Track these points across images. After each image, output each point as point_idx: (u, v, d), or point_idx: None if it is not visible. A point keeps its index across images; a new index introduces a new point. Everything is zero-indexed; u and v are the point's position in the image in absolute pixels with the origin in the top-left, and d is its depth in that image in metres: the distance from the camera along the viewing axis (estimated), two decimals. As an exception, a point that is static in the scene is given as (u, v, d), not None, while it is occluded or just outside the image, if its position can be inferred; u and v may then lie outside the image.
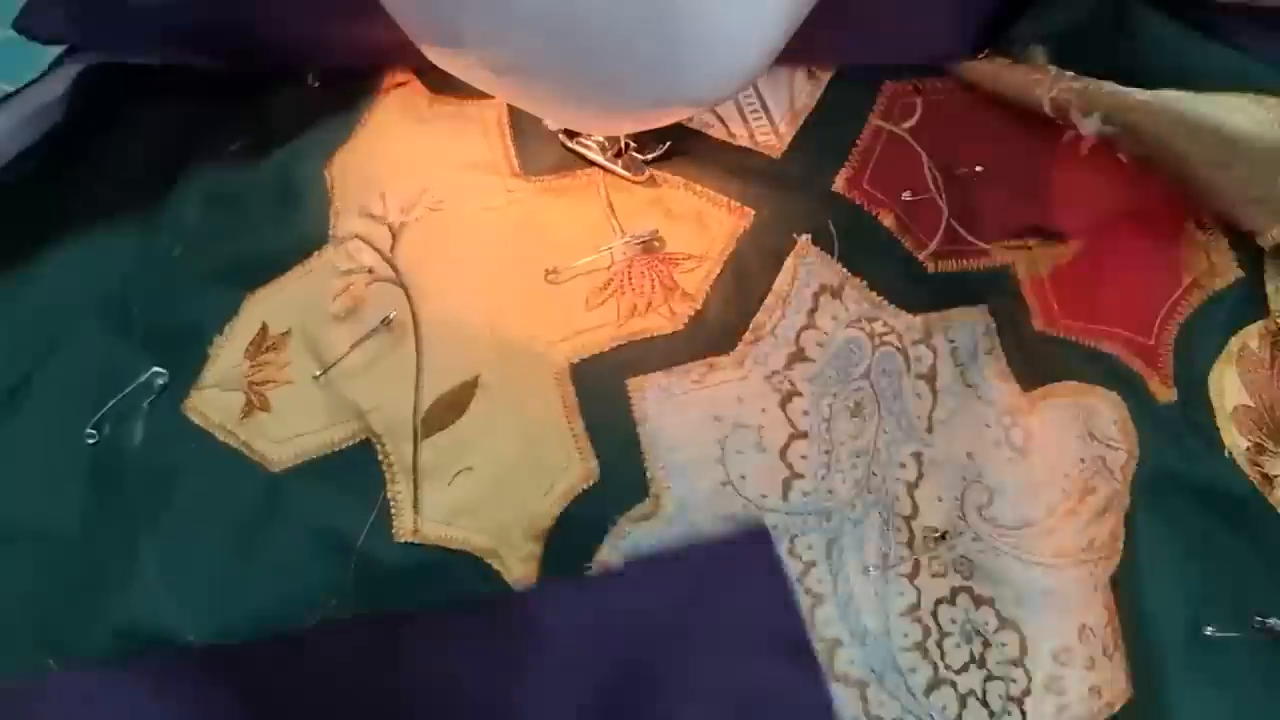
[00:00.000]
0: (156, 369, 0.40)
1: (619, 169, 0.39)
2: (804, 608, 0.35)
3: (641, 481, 0.36)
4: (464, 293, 0.39)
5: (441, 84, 0.42)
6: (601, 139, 0.39)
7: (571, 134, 0.40)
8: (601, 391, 0.36)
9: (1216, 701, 0.33)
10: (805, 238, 0.38)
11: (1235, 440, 0.36)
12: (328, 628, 0.35)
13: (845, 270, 0.38)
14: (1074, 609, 0.35)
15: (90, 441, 0.39)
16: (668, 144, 0.39)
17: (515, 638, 0.33)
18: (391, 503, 0.37)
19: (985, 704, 0.35)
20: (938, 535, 0.37)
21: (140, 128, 0.45)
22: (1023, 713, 0.35)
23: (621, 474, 0.36)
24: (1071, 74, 0.37)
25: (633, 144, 0.39)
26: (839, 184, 0.39)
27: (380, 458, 0.38)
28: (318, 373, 0.39)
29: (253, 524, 0.37)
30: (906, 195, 0.39)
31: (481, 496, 0.36)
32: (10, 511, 0.39)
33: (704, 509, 0.35)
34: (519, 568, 0.35)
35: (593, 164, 0.40)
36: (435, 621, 0.34)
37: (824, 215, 0.38)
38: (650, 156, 0.39)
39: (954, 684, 0.35)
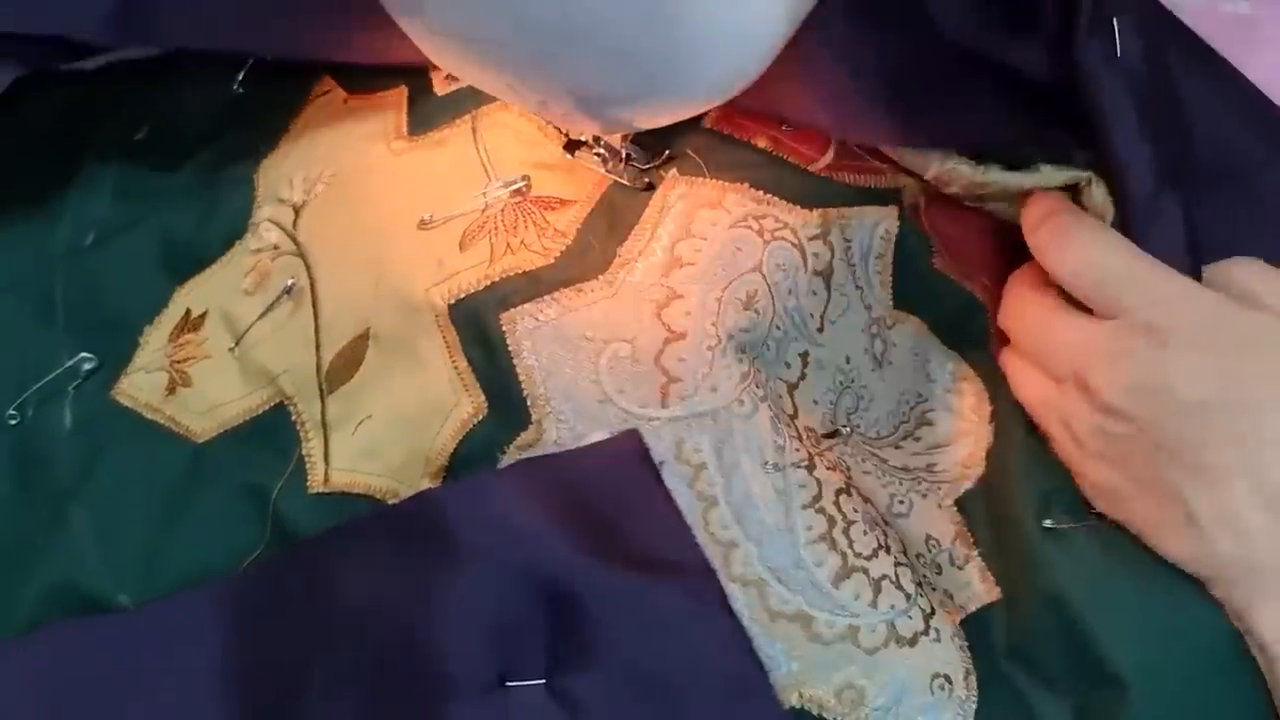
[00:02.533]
0: (85, 354, 0.42)
1: (622, 179, 0.40)
2: (697, 512, 0.35)
3: (524, 410, 0.37)
4: (351, 252, 0.40)
5: (359, 87, 0.44)
6: (603, 150, 0.40)
7: (573, 147, 0.40)
8: (478, 328, 0.38)
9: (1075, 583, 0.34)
10: (672, 173, 0.39)
11: None
12: (240, 574, 0.37)
13: (724, 183, 0.38)
14: (921, 521, 0.36)
15: (12, 423, 0.42)
16: (666, 153, 0.40)
17: (423, 540, 0.35)
18: (307, 459, 0.39)
19: (900, 587, 0.35)
20: (823, 434, 0.37)
21: (36, 113, 0.47)
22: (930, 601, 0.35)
23: (505, 405, 0.37)
24: None
25: (632, 154, 0.40)
26: (709, 120, 0.39)
27: (294, 418, 0.40)
28: (232, 345, 0.41)
29: (179, 490, 0.39)
30: (786, 125, 0.39)
31: (381, 442, 0.38)
32: None
33: (586, 428, 0.36)
34: None
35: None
36: (345, 540, 0.36)
37: (691, 146, 0.39)
38: (650, 165, 0.40)
39: (865, 570, 0.35)
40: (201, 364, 0.42)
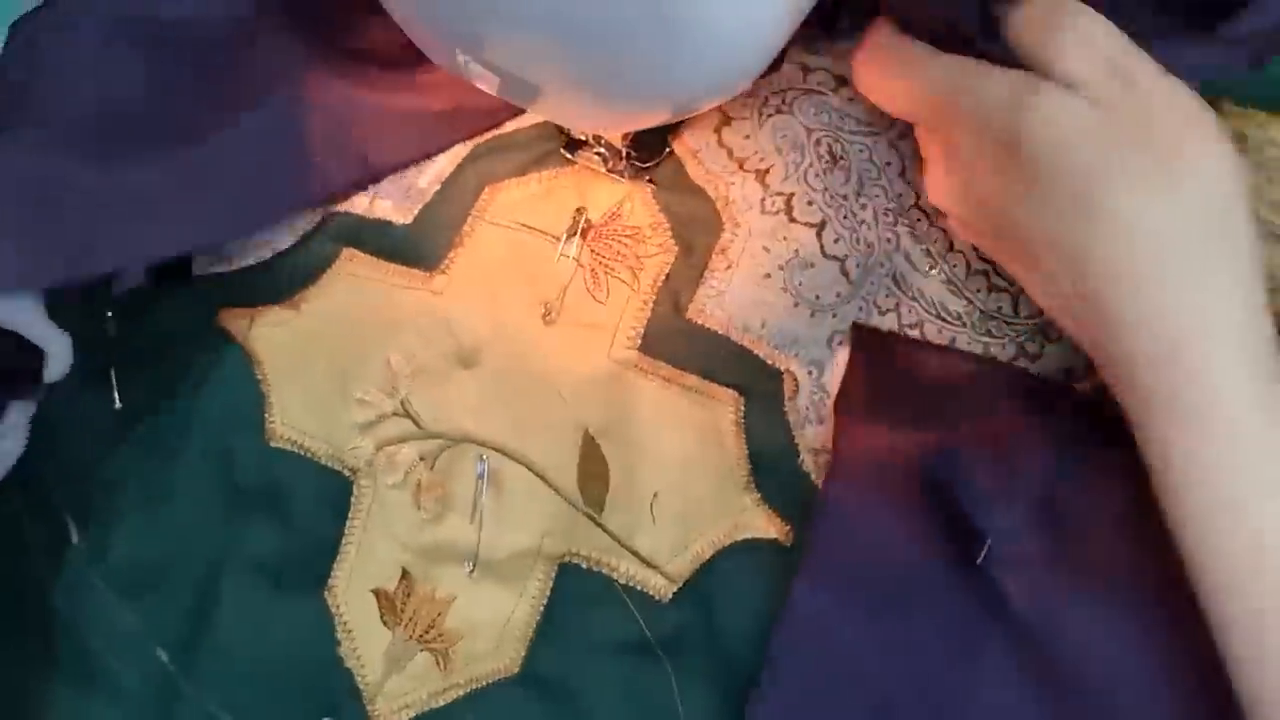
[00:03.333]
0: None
1: (623, 177, 0.39)
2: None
3: (769, 370, 0.37)
4: (508, 392, 0.38)
5: None
6: (603, 149, 0.39)
7: (573, 147, 0.39)
8: (676, 342, 0.38)
9: None
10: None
11: None
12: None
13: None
14: None
15: None
16: (668, 150, 0.39)
17: None
18: (636, 583, 0.36)
19: None
20: None
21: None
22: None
23: (753, 379, 0.37)
24: None
25: (633, 151, 0.39)
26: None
27: (586, 566, 0.37)
28: (470, 569, 0.37)
29: None
30: None
31: (684, 502, 0.37)
32: None
33: (817, 348, 0.38)
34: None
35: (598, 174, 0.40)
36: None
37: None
38: (650, 164, 0.39)
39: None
40: (452, 615, 0.37)
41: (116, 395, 0.40)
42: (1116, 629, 0.33)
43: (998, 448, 0.35)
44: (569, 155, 0.40)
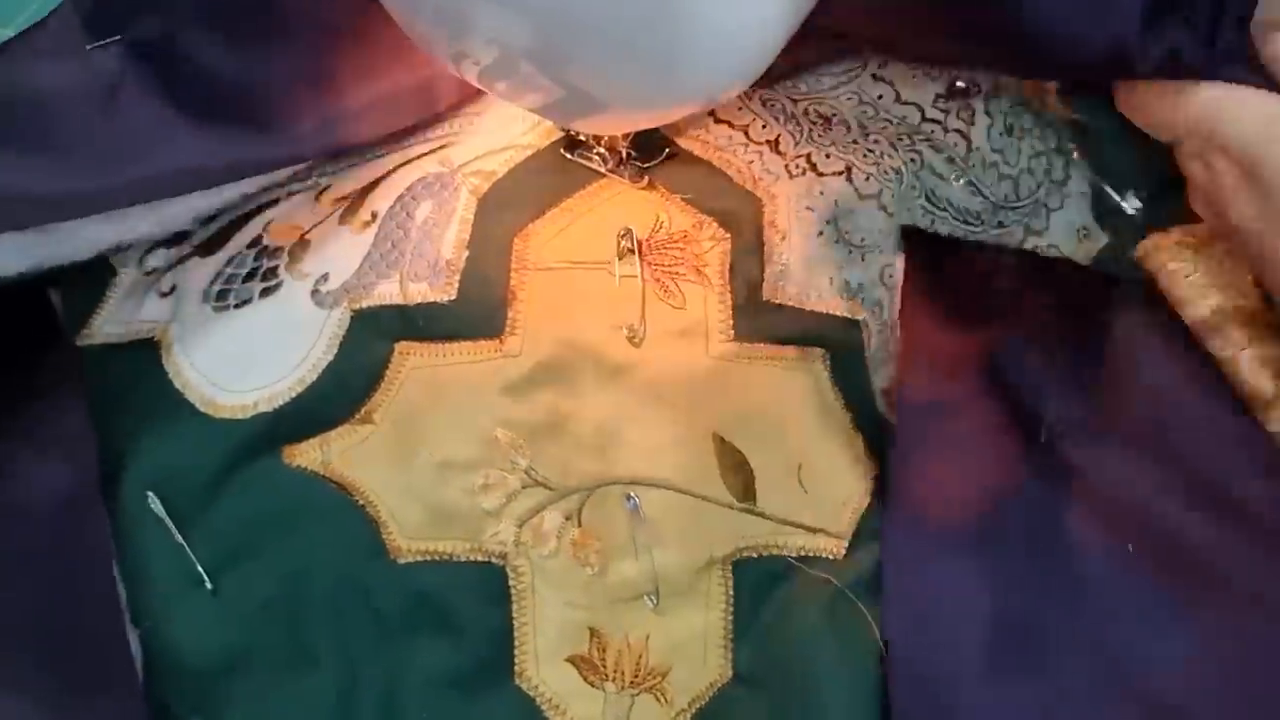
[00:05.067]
0: None
1: (623, 178, 0.39)
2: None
3: (844, 322, 0.39)
4: (630, 431, 0.38)
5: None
6: (602, 149, 0.38)
7: (572, 146, 0.39)
8: (760, 320, 0.39)
9: None
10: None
11: None
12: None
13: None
14: None
15: None
16: (666, 150, 0.39)
17: None
18: (802, 555, 0.38)
19: None
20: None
21: None
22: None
23: (836, 328, 0.39)
24: None
25: (633, 152, 0.38)
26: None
27: (757, 554, 0.38)
28: (653, 602, 0.37)
29: None
30: None
31: (824, 475, 0.38)
32: None
33: (871, 278, 0.40)
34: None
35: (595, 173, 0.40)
36: None
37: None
38: (650, 164, 0.39)
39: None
40: (652, 651, 0.37)
41: (207, 580, 0.38)
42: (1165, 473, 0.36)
43: (1035, 334, 0.39)
44: (569, 156, 0.40)
